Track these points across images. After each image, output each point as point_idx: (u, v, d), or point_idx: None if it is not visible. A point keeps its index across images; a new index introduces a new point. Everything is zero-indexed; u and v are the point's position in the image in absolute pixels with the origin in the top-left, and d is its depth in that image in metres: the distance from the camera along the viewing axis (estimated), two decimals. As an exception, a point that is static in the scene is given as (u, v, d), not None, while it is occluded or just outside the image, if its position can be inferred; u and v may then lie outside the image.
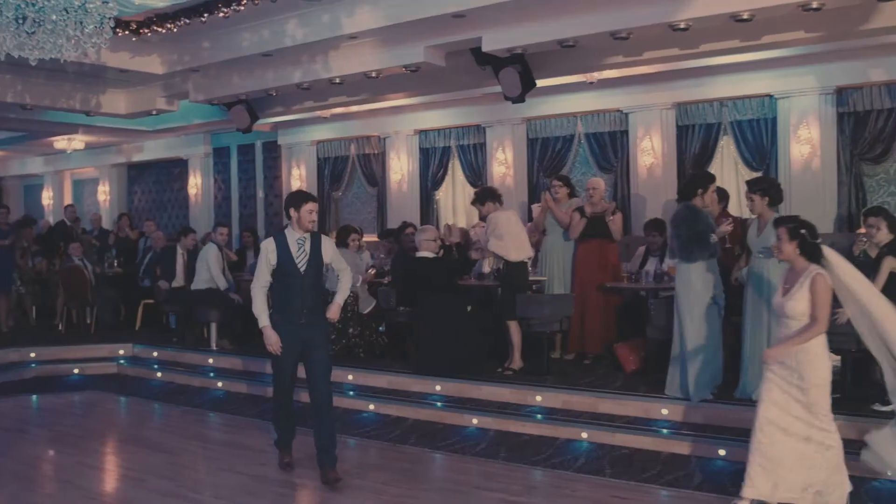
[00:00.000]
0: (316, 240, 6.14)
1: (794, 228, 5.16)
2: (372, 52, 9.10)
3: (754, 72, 9.56)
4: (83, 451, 7.45)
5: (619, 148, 10.90)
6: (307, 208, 6.04)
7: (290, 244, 6.04)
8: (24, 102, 10.86)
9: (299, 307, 6.02)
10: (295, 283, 6.01)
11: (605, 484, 6.10)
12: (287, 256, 6.01)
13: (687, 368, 7.03)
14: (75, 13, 5.12)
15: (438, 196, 12.65)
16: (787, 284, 5.20)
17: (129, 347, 11.35)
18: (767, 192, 6.72)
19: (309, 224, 6.05)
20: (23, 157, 19.29)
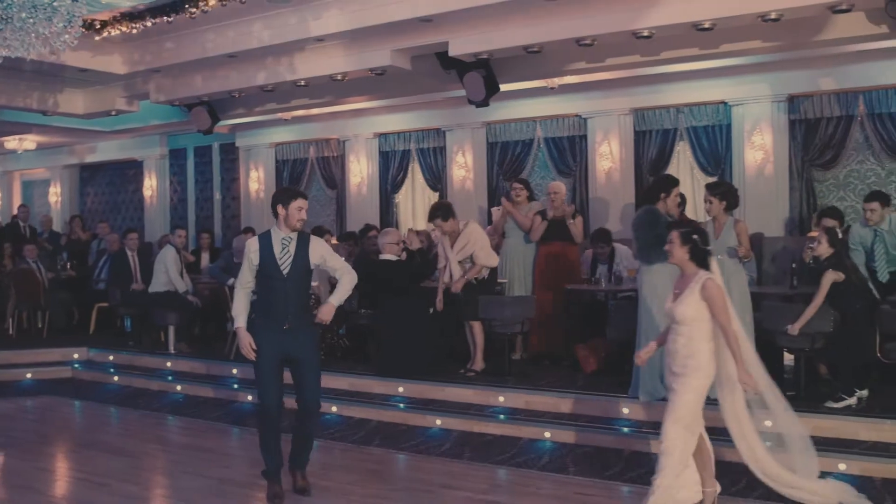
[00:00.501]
0: (303, 240, 5.72)
1: (687, 234, 5.14)
2: (338, 55, 9.11)
3: (710, 79, 9.79)
4: (40, 457, 7.34)
5: (578, 152, 11.07)
6: (296, 205, 5.63)
7: (274, 244, 5.63)
8: (-20, 101, 10.69)
9: (282, 312, 5.61)
10: (278, 286, 5.61)
11: (569, 482, 6.20)
12: (269, 257, 5.61)
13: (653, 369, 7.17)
14: (44, 11, 5.05)
15: (398, 199, 12.69)
16: (678, 290, 5.19)
17: (83, 351, 11.21)
18: (725, 196, 6.96)
19: (297, 223, 5.64)
20: (-30, 157, 18.89)
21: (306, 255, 5.67)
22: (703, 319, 5.05)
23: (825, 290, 6.76)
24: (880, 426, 6.39)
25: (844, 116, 9.45)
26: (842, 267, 6.81)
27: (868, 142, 9.31)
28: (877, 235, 7.63)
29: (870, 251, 7.67)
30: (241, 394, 9.22)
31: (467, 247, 8.47)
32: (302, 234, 5.74)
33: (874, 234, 7.64)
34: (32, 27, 5.06)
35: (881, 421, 6.43)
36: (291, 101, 10.86)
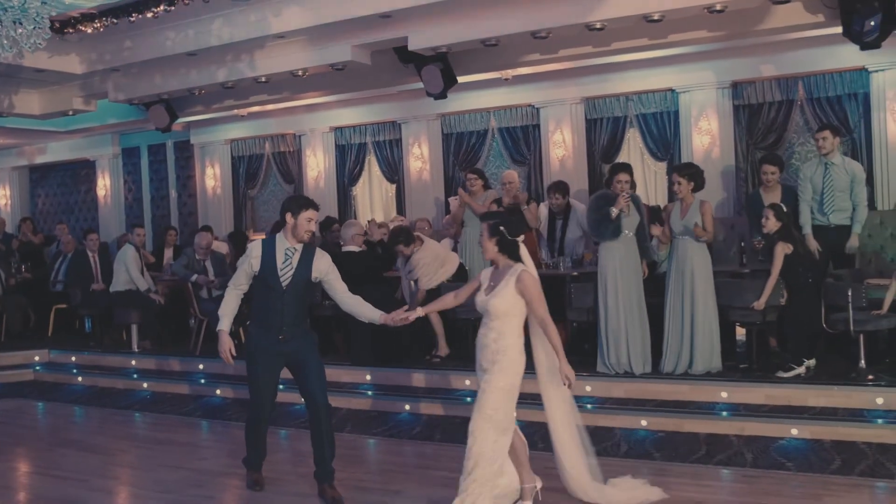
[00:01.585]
0: (307, 254, 5.49)
1: (494, 226, 4.93)
2: (298, 51, 9.22)
3: (657, 68, 10.08)
4: (14, 457, 7.38)
5: (532, 141, 11.32)
6: (306, 216, 5.37)
7: (278, 254, 5.41)
8: (-69, 102, 10.57)
9: (278, 323, 5.45)
10: (275, 297, 5.41)
11: (539, 457, 6.38)
12: (271, 267, 5.41)
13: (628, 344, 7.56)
14: (13, 13, 5.09)
15: (355, 192, 12.82)
16: (492, 282, 4.96)
17: (44, 353, 11.22)
18: (693, 178, 7.36)
19: (305, 235, 5.42)
20: (-88, 162, 18.47)
21: (309, 269, 5.46)
22: (515, 314, 4.88)
23: (779, 262, 7.12)
24: (828, 392, 6.78)
25: (785, 101, 9.81)
26: (790, 239, 7.18)
27: (808, 125, 9.68)
28: (827, 169, 7.94)
29: (820, 190, 7.95)
30: (208, 388, 9.34)
31: (413, 272, 8.73)
32: (308, 247, 5.51)
33: (825, 168, 7.96)
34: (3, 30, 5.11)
35: (829, 387, 6.83)
36: (250, 98, 10.93)
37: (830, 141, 7.93)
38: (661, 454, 6.32)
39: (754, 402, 6.95)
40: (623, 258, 7.58)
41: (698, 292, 7.35)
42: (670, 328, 7.49)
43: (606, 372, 7.66)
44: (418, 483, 5.94)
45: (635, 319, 7.55)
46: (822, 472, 5.74)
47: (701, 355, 7.37)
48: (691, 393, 7.20)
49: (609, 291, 7.59)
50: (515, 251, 4.92)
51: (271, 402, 5.73)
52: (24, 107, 11.43)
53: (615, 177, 7.68)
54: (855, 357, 7.11)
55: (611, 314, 7.59)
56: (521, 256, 4.93)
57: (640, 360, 7.57)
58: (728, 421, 6.73)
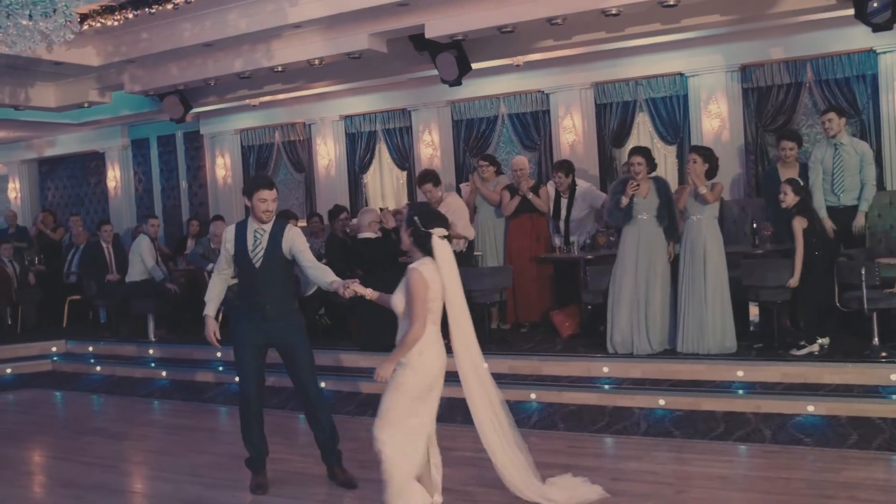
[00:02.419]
0: (277, 230, 5.50)
1: (410, 215, 4.73)
2: (315, 41, 9.29)
3: (666, 52, 10.15)
4: (40, 444, 7.53)
5: (542, 127, 11.40)
6: (259, 196, 5.40)
7: (248, 235, 5.50)
8: (-50, 98, 10.66)
9: (260, 303, 5.48)
10: (252, 277, 5.50)
11: (560, 437, 6.59)
12: (242, 249, 5.50)
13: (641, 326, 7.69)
14: (43, 6, 5.18)
15: (366, 179, 12.92)
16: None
17: (62, 344, 11.31)
18: (708, 160, 7.46)
19: (262, 214, 5.43)
20: (-81, 157, 18.56)
21: (279, 246, 5.47)
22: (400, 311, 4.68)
23: (800, 236, 7.21)
24: (843, 369, 6.89)
25: (794, 83, 9.88)
26: (807, 213, 7.27)
27: (817, 107, 9.73)
28: (836, 150, 8.03)
29: (831, 171, 8.06)
30: (227, 376, 9.43)
31: (448, 215, 8.71)
32: (277, 224, 5.53)
33: (834, 149, 8.05)
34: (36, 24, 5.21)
35: (843, 365, 6.94)
36: (264, 87, 11.01)
37: (836, 122, 8.01)
38: (681, 432, 6.45)
39: (770, 380, 7.06)
40: (641, 241, 7.69)
41: (710, 273, 7.45)
42: (684, 309, 7.59)
43: (612, 352, 7.77)
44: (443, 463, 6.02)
45: (655, 301, 7.65)
46: (839, 446, 5.87)
47: (714, 336, 7.48)
48: (708, 372, 7.30)
49: (625, 273, 7.72)
50: (427, 243, 4.63)
51: (258, 384, 5.66)
52: (40, 99, 11.53)
53: (629, 159, 7.82)
54: (868, 335, 7.21)
55: (622, 296, 7.71)
56: (432, 250, 4.63)
57: (657, 341, 7.68)
58: (744, 399, 6.84)
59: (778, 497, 4.97)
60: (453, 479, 5.64)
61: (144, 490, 6.11)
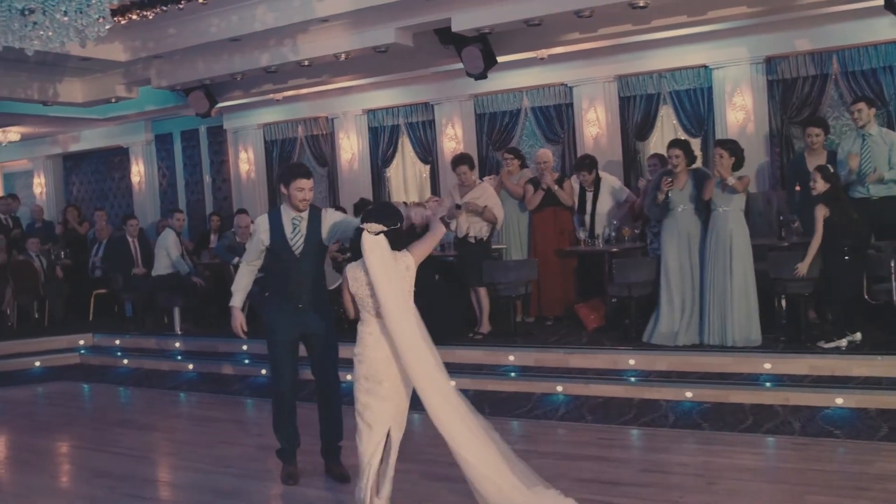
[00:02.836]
0: (314, 217, 5.42)
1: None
2: (341, 35, 9.33)
3: (690, 44, 10.11)
4: (71, 436, 7.60)
5: (565, 120, 11.40)
6: (296, 185, 5.28)
7: (285, 224, 5.39)
8: (-18, 94, 10.79)
9: (296, 293, 5.42)
10: (290, 266, 5.39)
11: (588, 429, 6.61)
12: (280, 237, 5.38)
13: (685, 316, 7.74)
14: (78, 2, 5.23)
15: (389, 173, 12.98)
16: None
17: (89, 337, 11.42)
18: (735, 153, 7.45)
19: (300, 203, 5.32)
20: (-55, 153, 18.77)
21: (319, 232, 5.41)
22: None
23: (821, 225, 7.18)
24: (872, 362, 6.86)
25: (820, 75, 9.83)
26: (835, 201, 7.22)
27: (843, 98, 9.69)
28: (864, 141, 7.95)
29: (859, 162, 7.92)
30: (254, 368, 9.50)
31: (481, 199, 8.76)
32: (314, 211, 5.45)
33: (862, 140, 7.96)
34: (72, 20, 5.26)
35: (872, 357, 6.91)
36: (289, 82, 11.05)
37: (866, 112, 7.96)
38: (709, 424, 6.45)
39: (798, 372, 7.04)
40: (680, 233, 7.71)
41: (737, 265, 7.44)
42: (710, 301, 7.58)
43: (658, 344, 7.79)
44: (473, 455, 6.05)
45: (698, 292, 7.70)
46: (870, 438, 5.85)
47: (739, 328, 7.46)
48: (735, 364, 7.29)
49: (667, 266, 7.78)
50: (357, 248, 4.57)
51: (292, 375, 5.65)
52: (68, 95, 11.64)
53: (668, 152, 7.87)
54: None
55: (664, 288, 7.78)
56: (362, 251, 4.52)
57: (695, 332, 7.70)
58: (772, 391, 6.83)
59: (810, 489, 4.97)
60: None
61: (176, 480, 6.17)
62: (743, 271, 7.44)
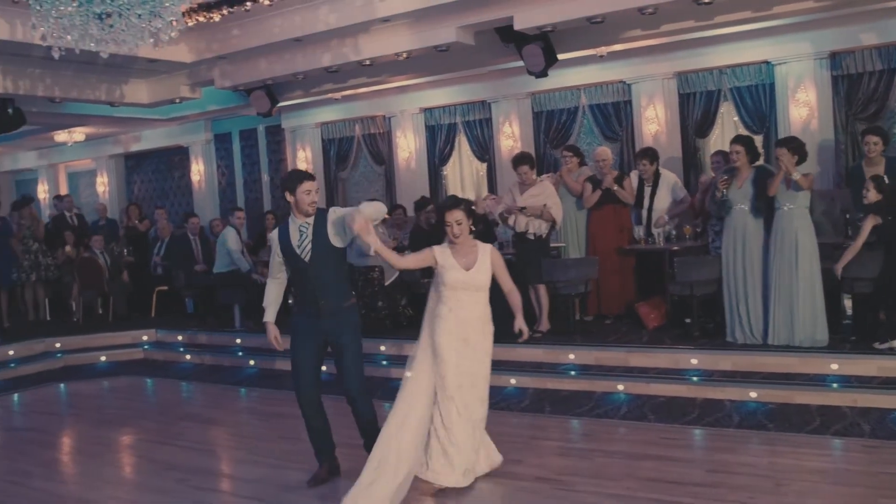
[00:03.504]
0: (320, 220, 5.34)
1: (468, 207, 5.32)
2: (403, 34, 9.38)
3: (752, 40, 9.99)
4: (139, 429, 7.76)
5: (624, 117, 11.33)
6: (303, 189, 5.25)
7: (292, 233, 5.37)
8: (54, 96, 11.05)
9: (313, 298, 5.37)
10: (303, 274, 5.37)
11: (650, 428, 6.56)
12: (288, 247, 5.37)
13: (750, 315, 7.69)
14: (152, 5, 5.36)
15: (446, 172, 13.04)
16: (465, 259, 5.24)
17: (152, 333, 11.65)
18: (797, 151, 7.35)
19: (309, 207, 5.28)
20: (14, 152, 19.30)
21: (325, 234, 5.32)
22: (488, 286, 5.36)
23: (865, 233, 7.14)
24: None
25: (887, 70, 9.62)
26: (888, 211, 7.11)
27: (911, 94, 9.52)
28: None
29: None
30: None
31: (540, 196, 8.76)
32: (319, 215, 5.36)
33: None
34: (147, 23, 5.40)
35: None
36: (349, 81, 11.13)
37: None
38: (775, 425, 6.36)
39: (866, 373, 6.92)
40: (737, 231, 7.64)
41: (802, 264, 7.33)
42: (774, 300, 7.49)
43: (733, 342, 7.73)
44: (536, 453, 6.07)
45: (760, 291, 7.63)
46: (945, 441, 5.73)
47: (804, 328, 7.36)
48: (800, 365, 7.19)
49: (728, 264, 7.73)
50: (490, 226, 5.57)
51: (311, 381, 5.55)
52: (134, 96, 11.90)
53: (729, 148, 7.81)
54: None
55: (728, 285, 7.74)
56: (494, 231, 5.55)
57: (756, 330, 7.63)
58: (839, 393, 6.72)
59: (883, 492, 4.88)
60: (549, 468, 5.67)
61: (242, 474, 6.26)
62: (809, 270, 7.34)
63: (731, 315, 7.78)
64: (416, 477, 5.20)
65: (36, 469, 6.52)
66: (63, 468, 6.76)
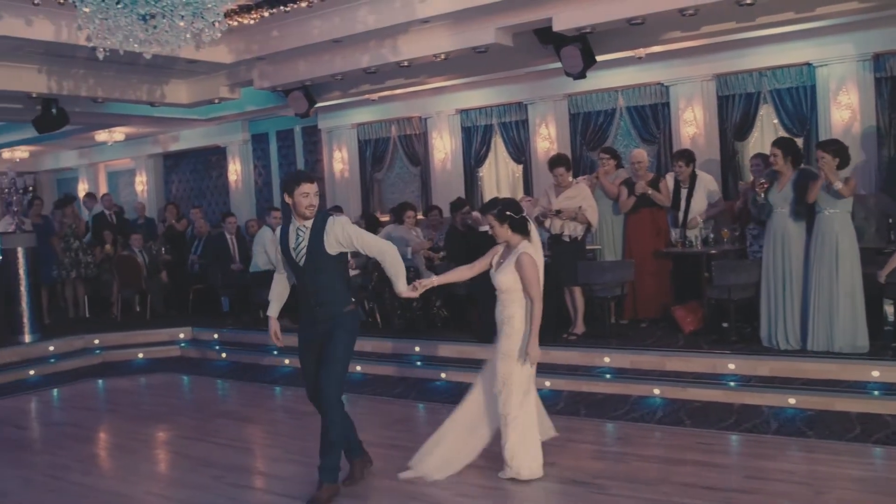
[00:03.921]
0: (318, 225, 5.18)
1: (500, 212, 5.36)
2: (442, 35, 9.39)
3: (793, 41, 9.88)
4: (176, 425, 7.83)
5: (661, 120, 11.26)
6: (300, 191, 5.13)
7: (290, 235, 5.27)
8: (97, 96, 11.23)
9: (309, 302, 5.29)
10: (300, 276, 5.31)
11: (687, 433, 6.50)
12: (285, 249, 5.30)
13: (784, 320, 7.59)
14: (195, 7, 5.43)
15: (482, 173, 13.04)
16: (502, 259, 5.50)
17: (188, 331, 11.74)
18: (839, 153, 7.23)
19: (306, 210, 5.14)
20: (56, 151, 19.67)
21: (321, 241, 5.16)
22: (518, 288, 5.37)
23: None
24: None
25: (932, 72, 9.51)
26: None
27: (956, 97, 9.35)
28: None
29: None
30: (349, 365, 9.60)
31: (576, 199, 8.72)
32: (319, 219, 5.20)
33: None
34: (189, 24, 5.47)
35: None
36: (386, 82, 11.18)
37: None
38: (814, 432, 6.26)
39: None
40: (776, 235, 7.55)
41: (843, 269, 7.22)
42: (814, 306, 7.38)
43: (771, 347, 7.65)
44: (571, 456, 6.03)
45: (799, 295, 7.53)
46: None
47: (844, 334, 7.24)
48: (840, 372, 7.07)
49: (767, 268, 7.64)
50: (525, 228, 5.41)
51: (310, 380, 5.44)
52: (174, 96, 12.06)
53: (770, 151, 7.71)
54: None
55: (768, 289, 7.65)
56: (529, 231, 5.44)
57: (793, 335, 7.53)
58: (881, 400, 6.60)
59: (927, 502, 4.80)
60: (584, 471, 5.64)
61: (278, 472, 6.29)
62: (850, 275, 7.22)
63: (769, 320, 7.68)
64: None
65: (74, 463, 6.62)
66: (100, 463, 6.85)
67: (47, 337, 11.17)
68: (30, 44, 9.20)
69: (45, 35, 8.88)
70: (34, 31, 8.79)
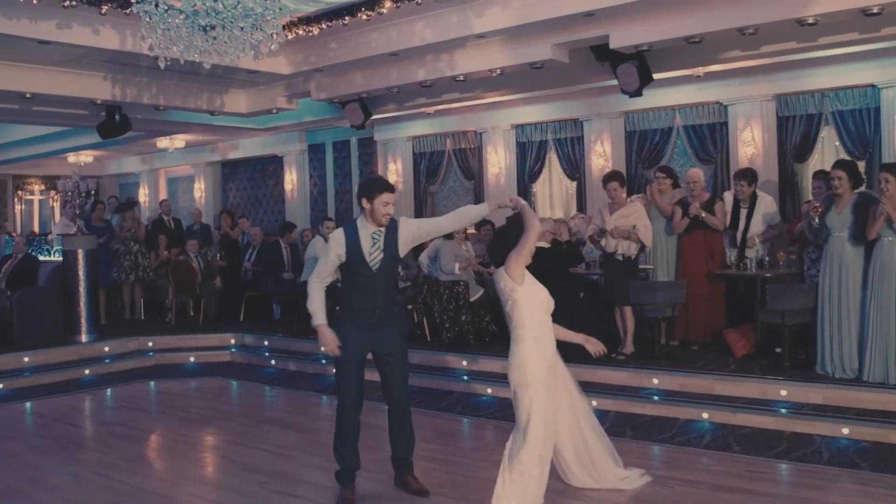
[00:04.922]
0: (391, 231, 5.30)
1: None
2: (498, 51, 9.40)
3: (857, 62, 9.67)
4: (222, 430, 7.93)
5: (719, 139, 11.11)
6: (382, 200, 5.19)
7: (363, 239, 5.25)
8: (158, 104, 11.49)
9: (370, 308, 5.31)
10: (367, 282, 5.27)
11: (735, 460, 6.37)
12: (357, 252, 5.24)
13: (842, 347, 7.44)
14: (254, 19, 5.54)
15: (535, 188, 13.01)
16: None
17: (239, 337, 11.90)
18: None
19: (383, 218, 5.22)
20: (120, 157, 20.16)
21: (396, 246, 5.31)
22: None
23: None
24: None
25: None
26: None
27: None
28: None
29: None
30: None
31: (630, 217, 8.66)
32: (392, 224, 5.32)
33: None
34: (248, 35, 5.57)
35: None
36: (442, 96, 11.22)
37: None
38: (868, 465, 6.09)
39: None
40: (833, 259, 7.38)
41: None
42: (872, 335, 7.18)
43: (825, 375, 7.49)
44: (615, 477, 5.96)
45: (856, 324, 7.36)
46: None
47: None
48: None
49: (824, 293, 7.50)
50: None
51: (358, 392, 5.54)
52: (233, 106, 12.27)
53: (830, 173, 7.58)
54: None
55: (824, 315, 7.51)
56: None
57: (849, 364, 7.35)
58: (941, 435, 6.41)
59: (983, 541, 4.62)
60: (627, 494, 5.56)
61: (322, 481, 6.29)
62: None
63: (823, 346, 7.51)
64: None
65: (122, 463, 6.74)
66: (148, 463, 6.94)
67: (103, 338, 11.43)
68: (96, 52, 9.44)
69: (110, 44, 9.10)
70: (100, 39, 9.02)
